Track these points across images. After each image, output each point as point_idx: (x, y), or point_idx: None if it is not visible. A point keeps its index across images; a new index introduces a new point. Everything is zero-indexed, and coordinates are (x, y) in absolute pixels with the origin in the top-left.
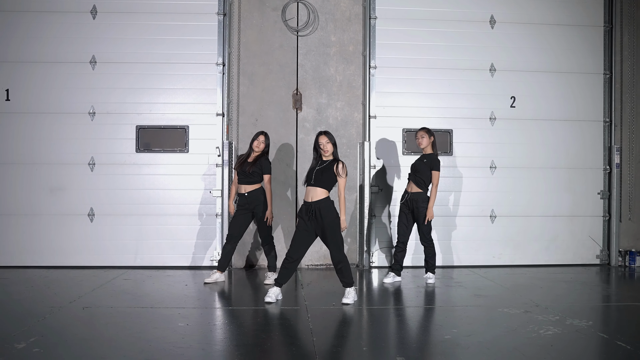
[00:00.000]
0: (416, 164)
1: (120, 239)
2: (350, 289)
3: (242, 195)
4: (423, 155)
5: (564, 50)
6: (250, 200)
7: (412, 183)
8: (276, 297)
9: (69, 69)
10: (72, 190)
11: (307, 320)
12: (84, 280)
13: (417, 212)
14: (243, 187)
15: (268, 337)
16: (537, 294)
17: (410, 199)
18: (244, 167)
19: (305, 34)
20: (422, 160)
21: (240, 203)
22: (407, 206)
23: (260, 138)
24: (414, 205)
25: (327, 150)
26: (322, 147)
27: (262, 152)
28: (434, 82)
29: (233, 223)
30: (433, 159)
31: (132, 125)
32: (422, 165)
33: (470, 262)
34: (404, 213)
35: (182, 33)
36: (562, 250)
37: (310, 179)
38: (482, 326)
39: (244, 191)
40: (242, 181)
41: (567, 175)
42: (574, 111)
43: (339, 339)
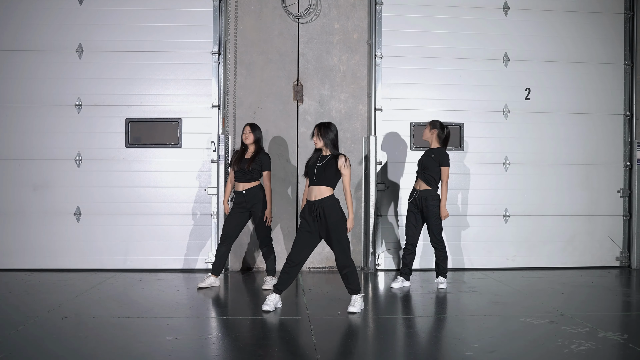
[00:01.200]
0: (423, 160)
1: (108, 239)
2: (357, 296)
3: (239, 192)
4: (430, 149)
5: (583, 39)
6: (248, 199)
7: (420, 181)
8: (275, 305)
9: (53, 57)
10: (57, 188)
11: (309, 332)
12: (67, 285)
13: (427, 211)
14: (241, 185)
15: (266, 353)
16: (559, 301)
17: (419, 197)
18: (242, 165)
19: (307, 21)
20: (429, 155)
21: (237, 201)
22: (415, 205)
23: (246, 129)
24: (423, 204)
25: (317, 143)
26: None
27: (258, 146)
28: (444, 73)
29: (228, 222)
30: (441, 154)
31: (122, 118)
32: (430, 161)
33: (482, 265)
34: (412, 212)
35: (175, 20)
36: (580, 252)
37: (312, 176)
38: (505, 339)
39: (242, 189)
40: (240, 178)
41: (585, 172)
42: (592, 104)
43: (346, 355)
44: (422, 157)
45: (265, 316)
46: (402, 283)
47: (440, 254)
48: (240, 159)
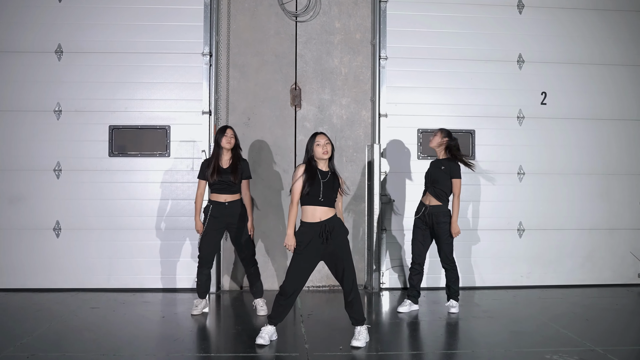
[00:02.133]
0: (433, 172)
1: (90, 257)
2: (361, 327)
3: (220, 204)
4: (438, 160)
5: (603, 39)
6: (230, 212)
7: (430, 195)
8: (270, 339)
9: (30, 59)
10: (35, 201)
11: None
12: (42, 310)
13: (439, 229)
14: (223, 197)
15: None
16: (584, 330)
17: (429, 214)
18: (224, 176)
19: (306, 20)
20: (438, 167)
21: (216, 214)
22: (424, 222)
23: (229, 132)
24: (433, 221)
25: (328, 152)
26: (322, 150)
27: (237, 152)
28: (454, 76)
29: (206, 243)
30: (452, 165)
31: (105, 125)
32: (440, 174)
33: (494, 282)
34: (419, 229)
35: (163, 19)
36: (599, 268)
37: (318, 195)
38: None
39: (224, 200)
40: (222, 190)
41: (606, 182)
42: (614, 109)
43: None
44: (430, 169)
45: (259, 352)
46: (410, 307)
47: (451, 276)
48: (217, 169)
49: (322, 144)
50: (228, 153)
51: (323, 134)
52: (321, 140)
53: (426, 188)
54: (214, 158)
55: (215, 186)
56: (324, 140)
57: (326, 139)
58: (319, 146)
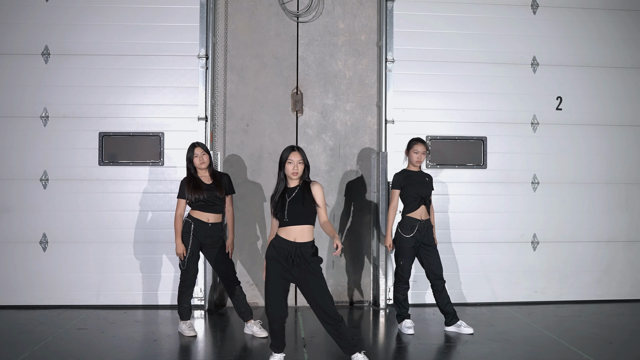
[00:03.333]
0: (421, 185)
1: (79, 271)
2: (360, 355)
3: (203, 225)
4: (421, 172)
5: (623, 40)
6: (213, 233)
7: (423, 209)
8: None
9: (14, 62)
10: (20, 212)
11: None
12: (25, 332)
13: (430, 240)
14: (205, 216)
15: None
16: (608, 354)
17: (424, 228)
18: (208, 193)
19: (308, 20)
20: (424, 178)
21: (197, 233)
22: (415, 238)
23: (197, 151)
24: (427, 235)
25: (297, 173)
26: (292, 169)
27: (212, 168)
28: (464, 79)
29: (191, 267)
30: (430, 176)
31: (95, 132)
32: (428, 186)
33: (507, 298)
34: (414, 249)
35: (156, 19)
36: (618, 283)
37: (284, 214)
38: None
39: (207, 220)
40: (206, 209)
41: (625, 192)
42: (633, 114)
43: None
44: (417, 182)
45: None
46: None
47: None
48: (198, 186)
49: (295, 162)
50: (207, 171)
51: (297, 151)
52: (294, 157)
53: (418, 202)
54: (189, 178)
55: (200, 203)
56: (297, 159)
57: (299, 158)
58: (290, 164)
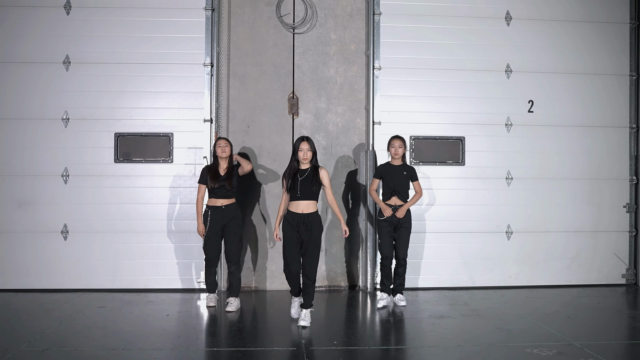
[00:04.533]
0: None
1: (96, 258)
2: (306, 311)
3: (217, 208)
4: (400, 166)
5: (587, 50)
6: (226, 214)
7: (396, 198)
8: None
9: (39, 70)
10: (44, 205)
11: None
12: (52, 309)
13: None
14: (220, 201)
15: None
16: (565, 326)
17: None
18: (220, 182)
19: (303, 32)
20: (401, 172)
21: (214, 217)
22: (390, 222)
23: (222, 142)
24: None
25: (307, 158)
26: (303, 155)
27: (231, 160)
28: (445, 85)
29: (210, 245)
30: (410, 169)
31: (110, 133)
32: (405, 179)
33: (483, 283)
34: (389, 230)
35: (166, 30)
36: (585, 269)
37: (296, 190)
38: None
39: (222, 204)
40: (219, 195)
41: (590, 187)
42: (598, 116)
43: None
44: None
45: (260, 347)
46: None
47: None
48: (215, 175)
49: (305, 149)
50: (225, 162)
51: (306, 141)
52: (304, 146)
53: (392, 193)
54: (211, 166)
55: (214, 192)
56: (306, 147)
57: (308, 146)
58: (301, 151)
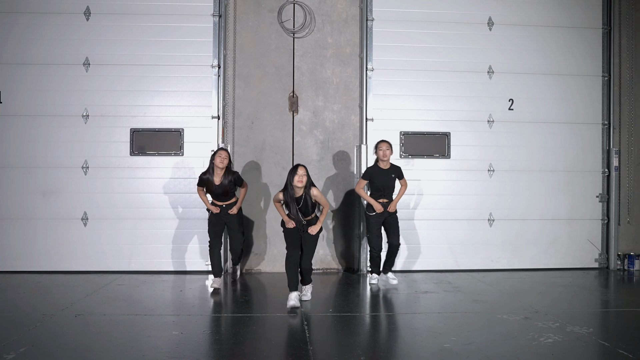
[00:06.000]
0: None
1: (114, 243)
2: (308, 286)
3: (219, 207)
4: (388, 169)
5: (562, 52)
6: (228, 208)
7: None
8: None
9: (62, 71)
10: (66, 194)
11: (304, 327)
12: (76, 286)
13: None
14: (219, 203)
15: (266, 347)
16: (536, 299)
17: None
18: (217, 190)
19: (302, 36)
20: (389, 175)
21: (215, 213)
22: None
23: (223, 154)
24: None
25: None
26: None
27: (228, 169)
28: (432, 85)
29: (214, 225)
30: (397, 169)
31: (126, 128)
32: (391, 182)
33: (468, 266)
34: (378, 225)
35: (177, 35)
36: (561, 254)
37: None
38: (481, 334)
39: (222, 204)
40: (219, 198)
41: (566, 178)
42: (572, 114)
43: (337, 348)
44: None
45: (263, 314)
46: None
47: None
48: (209, 187)
49: (300, 174)
50: (221, 172)
51: (303, 167)
52: (300, 171)
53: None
54: (208, 174)
55: (214, 195)
56: (302, 172)
57: (304, 171)
58: (297, 175)
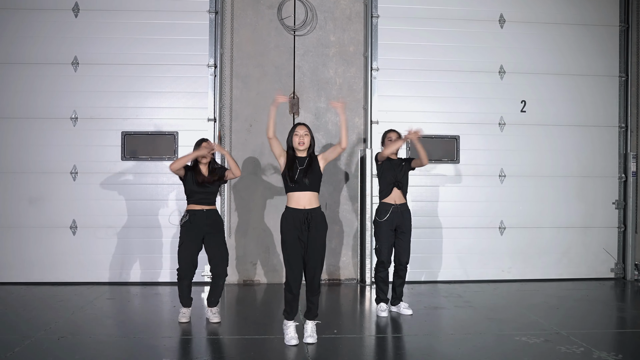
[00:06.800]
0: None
1: (104, 253)
2: (313, 323)
3: (198, 212)
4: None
5: (577, 52)
6: (208, 220)
7: (397, 194)
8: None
9: (49, 70)
10: (53, 201)
11: (305, 353)
12: (63, 301)
13: (407, 227)
14: (200, 207)
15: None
16: (554, 317)
17: (399, 212)
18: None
19: (303, 34)
20: (399, 164)
21: (194, 222)
22: (391, 222)
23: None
24: (405, 218)
25: (304, 144)
26: (298, 140)
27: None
28: (440, 85)
29: (183, 255)
30: (407, 158)
31: (117, 132)
32: (403, 171)
33: (477, 277)
34: (391, 231)
35: (171, 32)
36: (575, 264)
37: (294, 181)
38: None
39: (202, 208)
40: (202, 201)
41: (580, 184)
42: (587, 116)
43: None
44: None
45: (261, 337)
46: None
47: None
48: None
49: (300, 134)
50: (205, 167)
51: (303, 125)
52: (300, 130)
53: (393, 185)
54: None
55: (195, 197)
56: (303, 131)
57: (305, 130)
58: (296, 136)
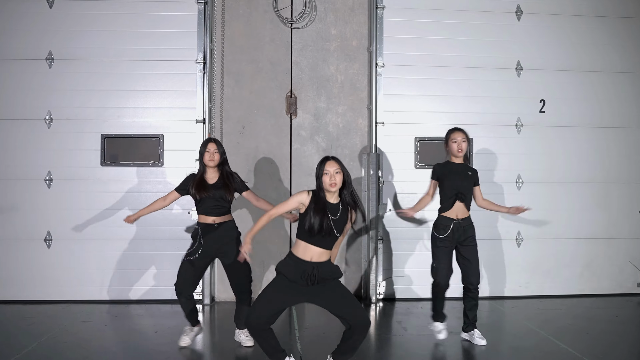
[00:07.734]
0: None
1: (82, 267)
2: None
3: (209, 226)
4: (463, 165)
5: (603, 46)
6: (220, 235)
7: (461, 207)
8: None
9: (20, 67)
10: (25, 211)
11: None
12: (32, 324)
13: (471, 244)
14: (211, 218)
15: None
16: (585, 345)
17: (462, 227)
18: (214, 192)
19: (301, 27)
20: (465, 172)
21: (205, 237)
22: (452, 239)
23: (211, 147)
24: (468, 235)
25: (336, 184)
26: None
27: (224, 167)
28: (451, 83)
29: (185, 269)
30: (475, 171)
31: (97, 134)
32: (469, 181)
33: (493, 293)
34: (449, 250)
35: (156, 25)
36: (598, 278)
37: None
38: None
39: (214, 222)
40: (211, 211)
41: (604, 191)
42: (614, 116)
43: None
44: (456, 174)
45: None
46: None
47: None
48: (201, 184)
49: (331, 172)
50: (214, 171)
51: (334, 161)
52: (330, 168)
53: (455, 198)
54: (199, 174)
55: (204, 206)
56: (334, 169)
57: (337, 167)
58: (327, 175)
